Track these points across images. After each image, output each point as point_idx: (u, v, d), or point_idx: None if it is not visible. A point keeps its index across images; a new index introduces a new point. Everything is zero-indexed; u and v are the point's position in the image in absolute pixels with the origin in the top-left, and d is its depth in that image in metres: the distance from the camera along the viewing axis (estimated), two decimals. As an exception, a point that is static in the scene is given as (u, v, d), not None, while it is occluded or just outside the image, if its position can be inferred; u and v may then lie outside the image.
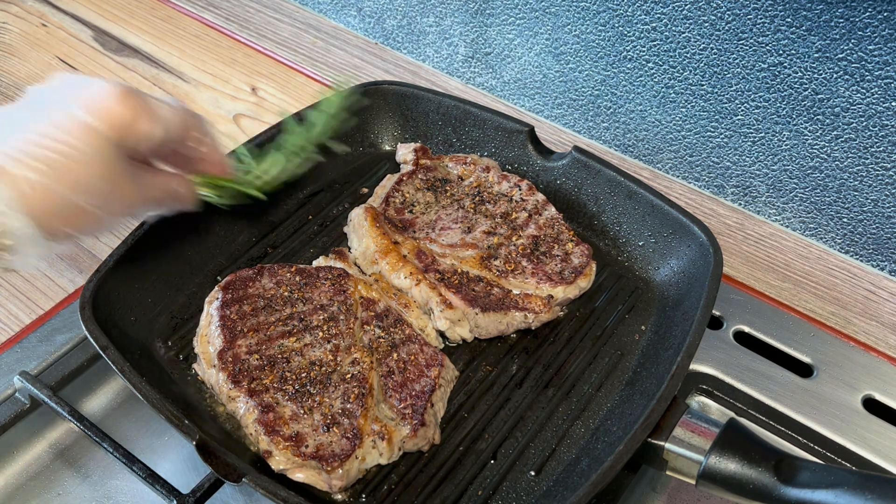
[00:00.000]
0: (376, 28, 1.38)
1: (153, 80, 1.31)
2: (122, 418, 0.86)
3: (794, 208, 1.08)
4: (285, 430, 0.73)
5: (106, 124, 0.69)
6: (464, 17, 1.24)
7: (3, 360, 0.87)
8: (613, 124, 1.18)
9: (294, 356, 0.79)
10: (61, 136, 0.67)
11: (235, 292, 0.84)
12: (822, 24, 0.92)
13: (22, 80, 1.30)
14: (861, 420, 0.87)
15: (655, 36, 1.06)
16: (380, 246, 0.90)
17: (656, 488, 0.85)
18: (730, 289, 0.99)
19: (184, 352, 0.84)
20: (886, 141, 0.95)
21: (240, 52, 1.38)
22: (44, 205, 0.66)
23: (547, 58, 1.19)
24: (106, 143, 0.69)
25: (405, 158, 1.04)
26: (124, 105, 0.70)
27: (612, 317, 0.91)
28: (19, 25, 1.41)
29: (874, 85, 0.92)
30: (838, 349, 0.94)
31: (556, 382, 0.85)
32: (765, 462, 0.68)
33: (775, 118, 1.02)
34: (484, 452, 0.79)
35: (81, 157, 0.68)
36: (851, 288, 1.03)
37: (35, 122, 0.68)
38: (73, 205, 0.68)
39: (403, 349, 0.82)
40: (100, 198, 0.70)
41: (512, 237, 0.94)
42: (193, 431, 0.70)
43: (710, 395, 0.91)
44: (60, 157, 0.67)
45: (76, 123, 0.68)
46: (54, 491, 0.81)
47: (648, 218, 0.95)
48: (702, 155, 1.12)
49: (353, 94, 1.00)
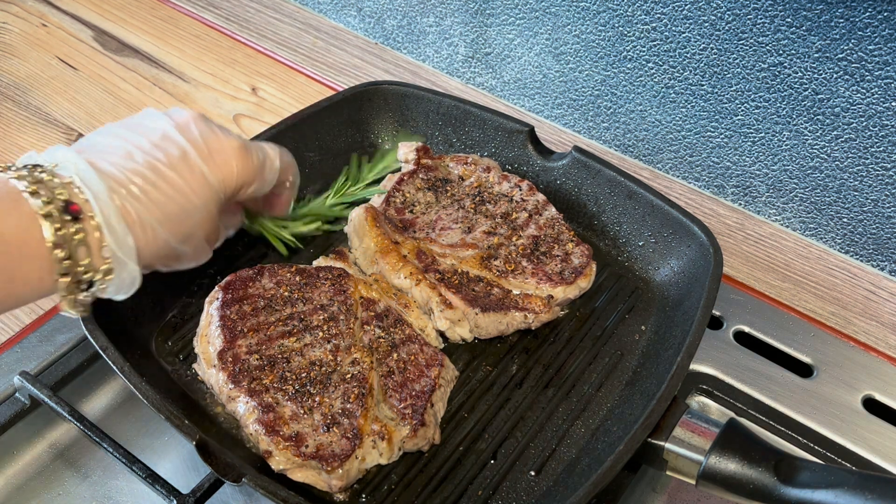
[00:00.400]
0: (376, 28, 1.38)
1: (153, 80, 1.31)
2: (122, 418, 0.86)
3: (794, 208, 1.08)
4: (285, 430, 0.73)
5: (221, 183, 0.71)
6: (464, 17, 1.24)
7: (3, 360, 0.87)
8: (613, 124, 1.18)
9: (294, 356, 0.79)
10: (183, 187, 0.68)
11: (235, 292, 0.84)
12: (822, 24, 0.92)
13: (22, 79, 1.30)
14: (861, 420, 0.87)
15: (655, 36, 1.06)
16: (380, 246, 0.90)
17: (656, 488, 0.85)
18: (730, 289, 0.99)
19: (184, 352, 0.84)
20: (886, 141, 0.95)
21: (240, 52, 1.38)
22: (152, 250, 0.67)
23: (547, 58, 1.19)
24: (216, 198, 0.71)
25: (406, 158, 1.04)
26: (244, 170, 0.72)
27: (612, 317, 0.91)
28: (19, 25, 1.41)
29: (874, 85, 0.92)
30: (838, 349, 0.94)
31: (556, 382, 0.85)
32: (765, 462, 0.68)
33: (775, 118, 1.02)
34: (484, 452, 0.79)
35: (194, 211, 0.69)
36: (851, 288, 1.03)
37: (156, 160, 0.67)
38: (174, 253, 0.70)
39: (403, 349, 0.82)
40: (195, 244, 0.72)
41: (512, 237, 0.94)
42: (193, 431, 0.70)
43: (710, 395, 0.91)
44: (176, 208, 0.67)
45: (198, 176, 0.69)
46: (54, 491, 0.81)
47: (648, 218, 0.95)
48: (702, 155, 1.12)
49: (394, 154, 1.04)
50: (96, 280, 0.63)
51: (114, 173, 0.64)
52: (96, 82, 1.30)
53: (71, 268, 0.61)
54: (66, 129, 1.22)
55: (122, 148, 0.67)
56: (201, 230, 0.72)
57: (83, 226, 0.61)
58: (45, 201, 0.60)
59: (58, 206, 0.60)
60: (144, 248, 0.66)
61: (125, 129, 0.69)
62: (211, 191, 0.70)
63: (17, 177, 0.61)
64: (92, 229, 0.62)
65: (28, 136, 1.20)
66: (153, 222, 0.66)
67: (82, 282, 0.63)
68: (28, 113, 1.24)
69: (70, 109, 1.25)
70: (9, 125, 1.22)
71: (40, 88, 1.28)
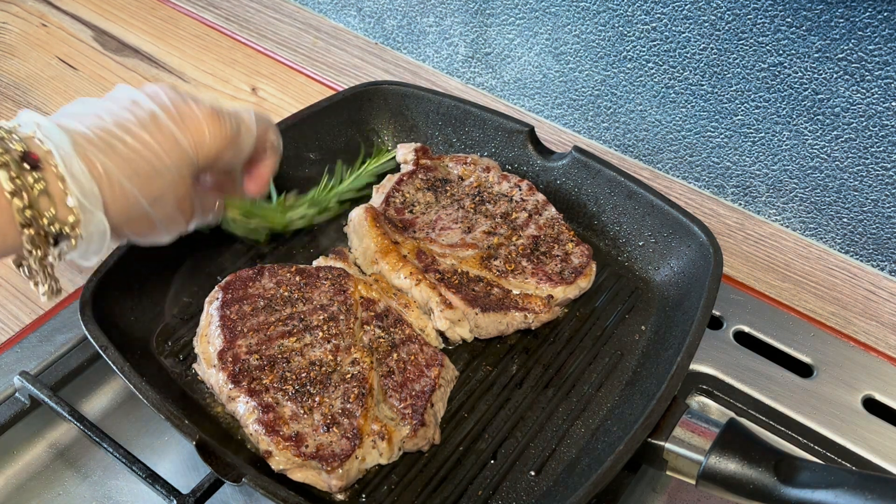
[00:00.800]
0: (376, 28, 1.38)
1: (153, 80, 1.31)
2: (122, 418, 0.86)
3: (794, 208, 1.08)
4: (285, 430, 0.73)
5: (195, 148, 0.71)
6: (464, 17, 1.24)
7: (3, 360, 0.87)
8: (613, 124, 1.18)
9: (294, 356, 0.79)
10: (153, 145, 0.68)
11: (235, 292, 0.84)
12: (822, 24, 0.92)
13: (22, 79, 1.30)
14: (861, 420, 0.87)
15: (655, 36, 1.06)
16: (380, 246, 0.90)
17: (656, 488, 0.85)
18: (730, 289, 0.99)
19: (184, 352, 0.84)
20: (886, 141, 0.95)
21: (240, 52, 1.38)
22: (120, 206, 0.67)
23: (547, 58, 1.19)
24: (188, 162, 0.71)
25: (405, 158, 1.04)
26: (217, 134, 0.72)
27: (612, 317, 0.91)
28: (19, 25, 1.41)
29: (874, 85, 0.92)
30: (838, 349, 0.94)
31: (556, 382, 0.85)
32: (765, 462, 0.68)
33: (775, 118, 1.02)
34: (484, 452, 0.79)
35: (164, 171, 0.69)
36: (851, 288, 1.03)
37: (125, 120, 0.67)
38: (144, 213, 0.69)
39: (403, 349, 0.82)
40: (167, 210, 0.71)
41: (512, 237, 0.94)
42: (193, 431, 0.70)
43: (710, 395, 0.91)
44: (146, 165, 0.67)
45: (168, 136, 0.69)
46: (54, 491, 0.81)
47: (648, 218, 0.95)
48: (702, 155, 1.12)
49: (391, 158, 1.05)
50: (63, 233, 0.63)
51: (79, 129, 0.65)
52: (96, 82, 1.30)
53: (34, 218, 0.61)
54: (66, 129, 1.22)
55: (91, 112, 0.68)
56: (172, 194, 0.71)
57: (43, 175, 0.61)
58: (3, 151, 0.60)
59: (14, 156, 0.60)
60: (112, 202, 0.66)
61: (96, 100, 0.70)
62: (182, 153, 0.70)
63: None
64: (54, 179, 0.62)
65: (28, 136, 1.20)
66: (120, 177, 0.66)
67: (49, 234, 0.63)
68: (28, 113, 1.24)
69: (70, 109, 1.25)
70: (9, 125, 1.22)
71: (40, 88, 1.28)
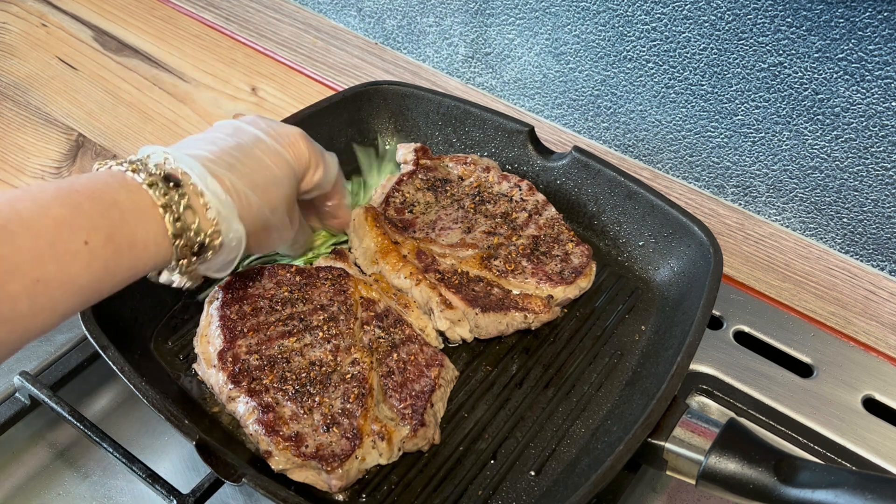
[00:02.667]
0: (376, 28, 1.38)
1: (153, 80, 1.31)
2: (122, 418, 0.86)
3: (794, 208, 1.08)
4: (285, 430, 0.73)
5: (296, 160, 0.77)
6: (464, 17, 1.24)
7: (3, 360, 0.87)
8: (613, 124, 1.18)
9: (294, 356, 0.79)
10: (264, 160, 0.74)
11: (235, 292, 0.84)
12: (822, 24, 0.92)
13: (22, 79, 1.30)
14: (861, 420, 0.87)
15: (655, 36, 1.06)
16: (380, 246, 0.90)
17: (656, 488, 0.85)
18: (730, 289, 0.99)
19: (184, 352, 0.84)
20: (886, 141, 0.95)
21: (240, 52, 1.38)
22: (248, 215, 0.72)
23: (547, 58, 1.19)
24: (293, 173, 0.77)
25: (405, 158, 1.04)
26: (310, 149, 0.79)
27: (612, 317, 0.91)
28: (19, 25, 1.41)
29: (874, 85, 0.92)
30: (838, 349, 0.94)
31: (556, 382, 0.85)
32: (765, 462, 0.68)
33: (775, 118, 1.02)
34: (484, 452, 0.79)
35: (278, 182, 0.75)
36: (851, 288, 1.03)
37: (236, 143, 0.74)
38: (266, 220, 0.74)
39: (403, 349, 0.82)
40: (281, 217, 0.77)
41: (512, 237, 0.94)
42: (193, 431, 0.70)
43: (710, 395, 0.91)
44: (263, 178, 0.73)
45: (274, 152, 0.75)
46: (54, 491, 0.81)
47: (648, 218, 0.95)
48: (702, 155, 1.12)
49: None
50: (207, 242, 0.68)
51: (202, 154, 0.70)
52: (96, 82, 1.30)
53: (182, 230, 0.66)
54: (66, 129, 1.22)
55: (203, 141, 0.73)
56: (284, 203, 0.76)
57: (185, 191, 0.66)
58: (147, 175, 0.66)
59: (158, 177, 0.66)
60: (242, 212, 0.71)
61: (203, 134, 0.76)
62: (287, 166, 0.76)
63: (117, 164, 0.67)
64: (194, 194, 0.67)
65: (28, 136, 1.20)
66: (245, 189, 0.71)
67: (195, 244, 0.67)
68: (28, 113, 1.24)
69: (70, 109, 1.25)
70: (9, 125, 1.22)
71: (40, 88, 1.28)
